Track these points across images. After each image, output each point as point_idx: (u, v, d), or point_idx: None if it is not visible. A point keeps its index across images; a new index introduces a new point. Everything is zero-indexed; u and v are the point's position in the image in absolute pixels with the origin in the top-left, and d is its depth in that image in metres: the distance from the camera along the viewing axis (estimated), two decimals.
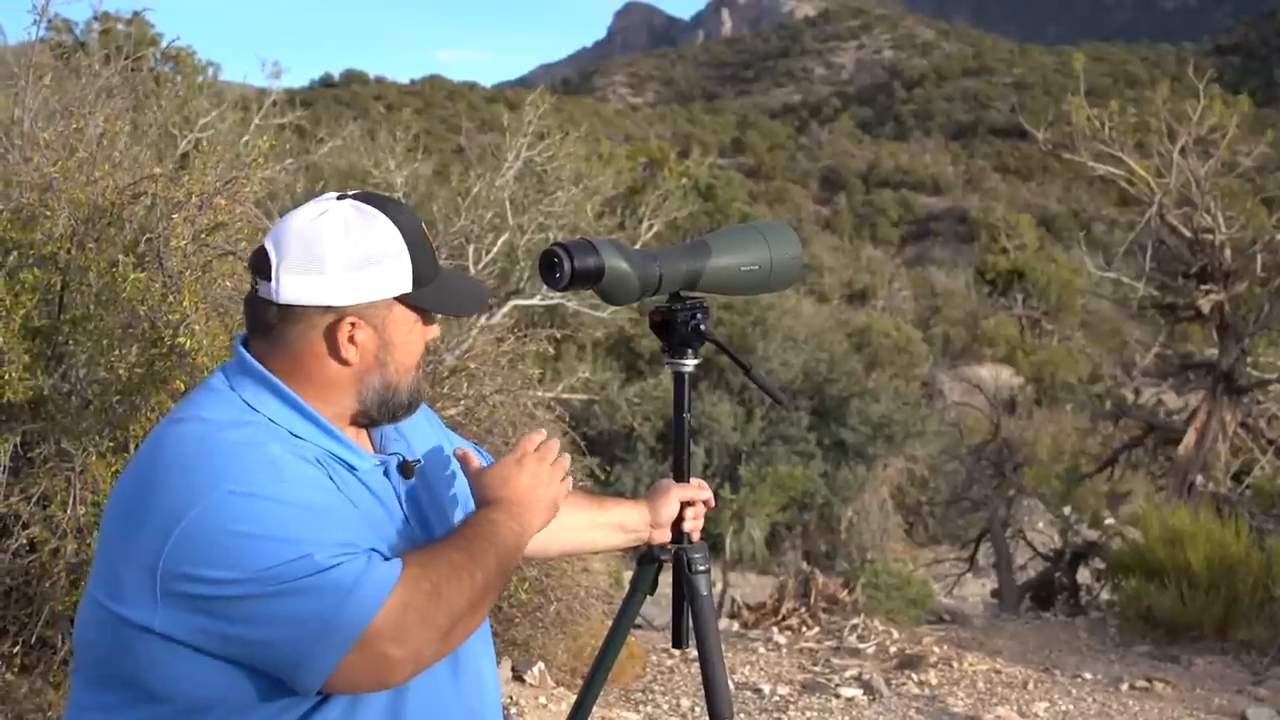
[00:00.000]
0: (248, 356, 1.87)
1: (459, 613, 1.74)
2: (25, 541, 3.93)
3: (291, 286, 1.82)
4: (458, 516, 2.01)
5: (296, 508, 1.71)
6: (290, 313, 1.84)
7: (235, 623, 1.64)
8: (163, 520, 1.67)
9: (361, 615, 1.64)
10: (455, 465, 2.16)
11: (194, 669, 1.68)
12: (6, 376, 3.79)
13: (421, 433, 2.12)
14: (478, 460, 2.03)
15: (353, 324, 1.86)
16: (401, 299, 1.89)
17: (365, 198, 1.91)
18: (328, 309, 1.84)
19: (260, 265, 1.85)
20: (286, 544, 1.65)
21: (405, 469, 1.97)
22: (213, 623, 1.65)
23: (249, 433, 1.78)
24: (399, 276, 1.87)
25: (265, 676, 1.70)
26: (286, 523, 1.68)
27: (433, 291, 1.92)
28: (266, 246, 1.85)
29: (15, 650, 4.11)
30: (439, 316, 1.99)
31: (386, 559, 1.73)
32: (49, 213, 4.14)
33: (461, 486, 2.14)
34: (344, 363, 1.87)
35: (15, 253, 4.02)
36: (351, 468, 1.88)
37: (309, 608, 1.63)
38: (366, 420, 1.94)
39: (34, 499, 3.90)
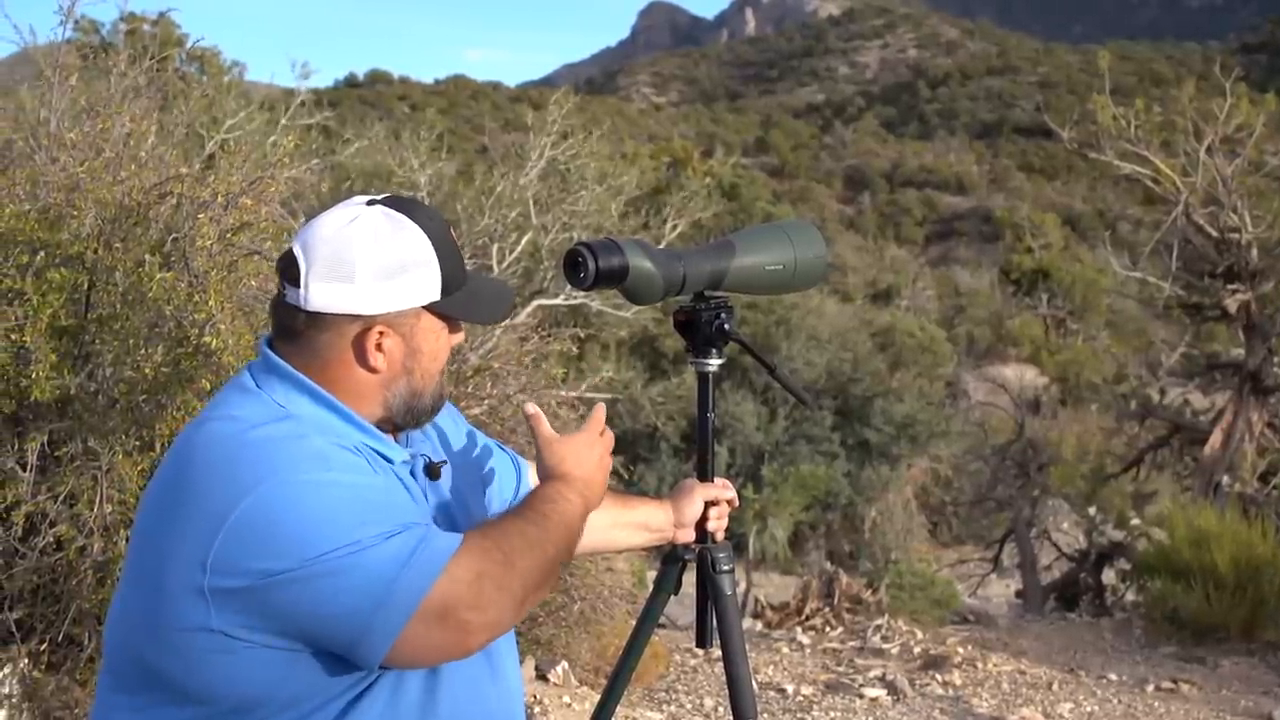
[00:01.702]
0: (274, 357, 1.86)
1: (532, 584, 1.75)
2: (52, 540, 3.95)
3: (320, 294, 1.81)
4: (482, 519, 2.00)
5: (349, 490, 1.71)
6: (318, 320, 1.83)
7: (296, 603, 1.63)
8: (208, 517, 1.66)
9: (418, 585, 1.64)
10: (486, 467, 2.17)
11: (247, 667, 1.67)
12: (34, 375, 3.80)
13: (446, 433, 2.12)
14: (548, 427, 2.01)
15: (381, 332, 1.84)
16: (430, 307, 1.88)
17: (394, 203, 1.88)
18: (356, 317, 1.83)
19: (289, 271, 1.83)
20: (342, 527, 1.65)
21: (431, 470, 1.97)
22: (274, 609, 1.64)
23: (289, 426, 1.77)
24: (428, 285, 1.86)
25: (314, 671, 1.70)
26: (340, 506, 1.68)
27: (461, 299, 1.91)
28: (295, 252, 1.83)
29: (42, 648, 4.14)
30: None
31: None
32: (75, 212, 4.16)
33: (488, 488, 2.14)
34: (371, 370, 1.86)
35: (42, 252, 4.03)
36: (388, 459, 1.87)
37: (368, 580, 1.63)
38: (390, 427, 1.93)
39: (61, 497, 3.92)
